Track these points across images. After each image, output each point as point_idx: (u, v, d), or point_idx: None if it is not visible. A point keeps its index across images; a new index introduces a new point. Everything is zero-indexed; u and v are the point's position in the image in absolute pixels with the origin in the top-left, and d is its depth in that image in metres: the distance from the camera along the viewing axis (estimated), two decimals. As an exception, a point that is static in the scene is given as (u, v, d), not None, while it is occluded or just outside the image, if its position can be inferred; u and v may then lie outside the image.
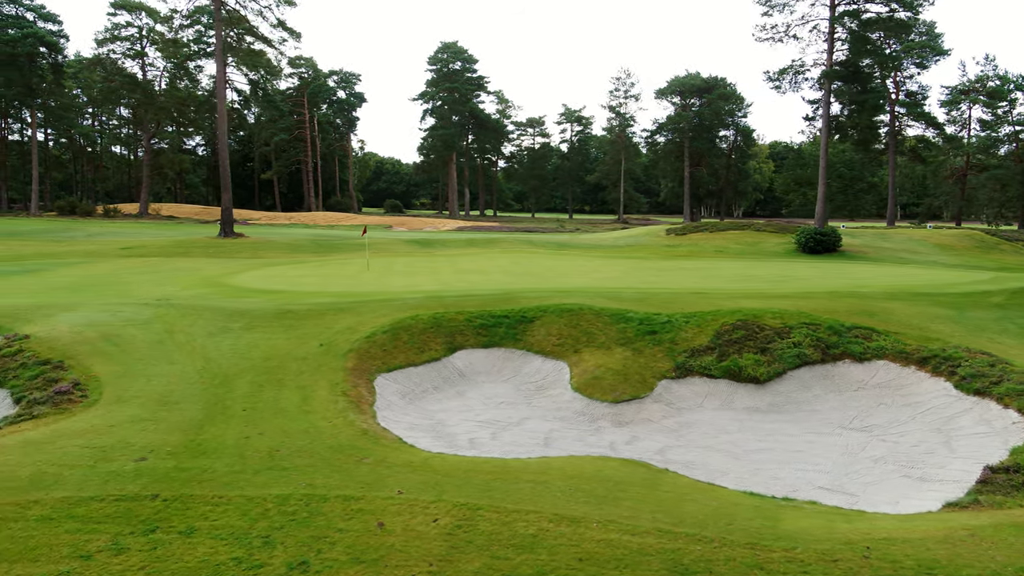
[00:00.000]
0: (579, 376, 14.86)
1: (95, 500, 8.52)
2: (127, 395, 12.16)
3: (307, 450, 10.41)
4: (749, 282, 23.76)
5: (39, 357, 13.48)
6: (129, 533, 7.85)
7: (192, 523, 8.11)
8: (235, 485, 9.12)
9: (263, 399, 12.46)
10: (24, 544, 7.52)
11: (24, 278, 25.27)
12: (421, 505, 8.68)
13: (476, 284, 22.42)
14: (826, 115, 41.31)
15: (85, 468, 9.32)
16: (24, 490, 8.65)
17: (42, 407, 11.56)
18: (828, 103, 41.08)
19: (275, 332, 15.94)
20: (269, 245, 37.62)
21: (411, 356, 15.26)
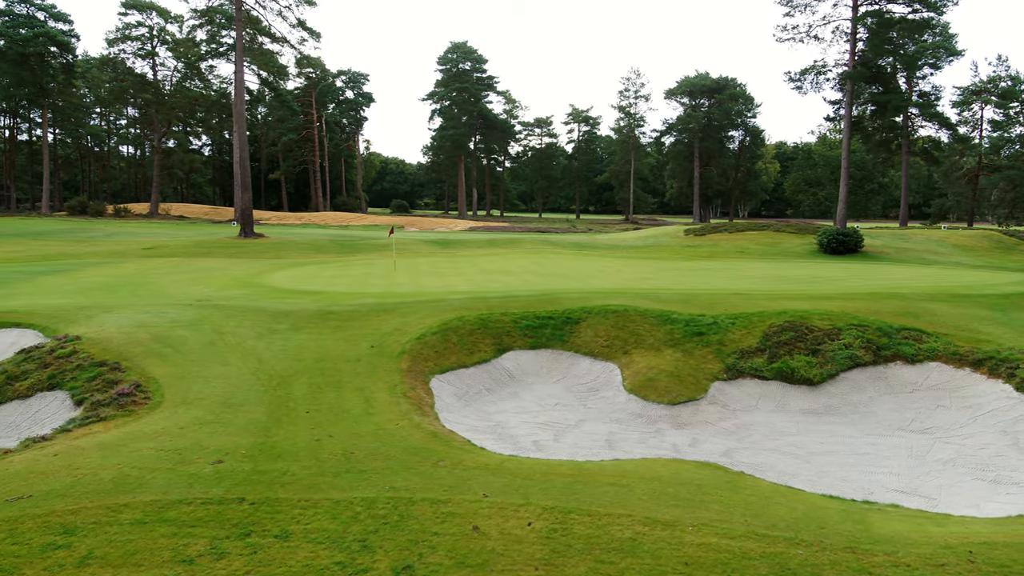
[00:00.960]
0: (632, 378, 14.80)
1: (184, 503, 8.47)
2: (189, 397, 12.10)
3: (381, 453, 10.35)
4: (782, 283, 23.70)
5: (94, 358, 13.43)
6: (225, 537, 7.79)
7: (285, 527, 8.06)
8: (318, 488, 9.06)
9: (324, 401, 12.41)
10: (123, 548, 7.46)
11: (55, 278, 25.22)
12: (511, 508, 8.62)
13: (510, 285, 22.36)
14: (848, 116, 41.22)
15: (166, 471, 9.26)
16: (109, 493, 8.60)
17: (106, 409, 11.51)
18: (851, 104, 41.00)
19: (322, 333, 15.89)
20: (290, 245, 37.56)
21: (461, 357, 15.21)
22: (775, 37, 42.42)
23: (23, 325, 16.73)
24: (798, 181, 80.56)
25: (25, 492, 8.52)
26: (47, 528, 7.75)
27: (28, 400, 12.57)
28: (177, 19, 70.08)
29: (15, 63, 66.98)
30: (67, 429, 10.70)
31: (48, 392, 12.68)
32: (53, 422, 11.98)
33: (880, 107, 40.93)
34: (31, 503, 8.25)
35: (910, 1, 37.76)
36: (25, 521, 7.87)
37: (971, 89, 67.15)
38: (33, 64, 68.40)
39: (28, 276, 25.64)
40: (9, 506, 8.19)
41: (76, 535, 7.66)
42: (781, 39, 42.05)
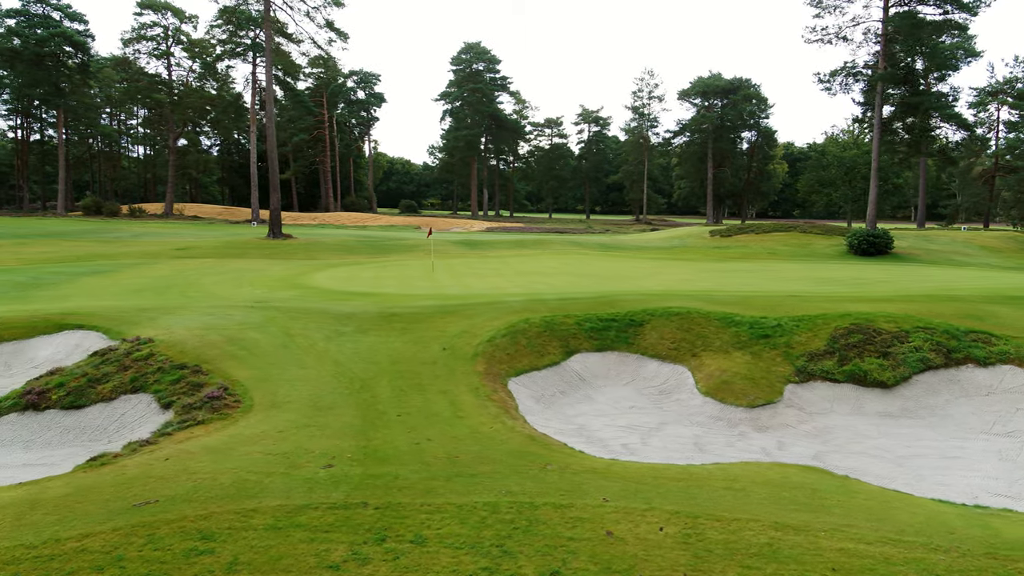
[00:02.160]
0: (705, 381, 14.76)
1: (310, 508, 8.44)
2: (277, 400, 12.07)
3: (484, 456, 10.32)
4: (827, 285, 23.67)
5: (173, 361, 13.40)
6: (363, 543, 7.76)
7: (418, 531, 8.03)
8: (435, 492, 9.03)
9: (411, 404, 12.38)
10: (267, 554, 7.42)
11: (97, 279, 25.19)
12: (637, 513, 8.60)
13: (558, 287, 22.34)
14: (878, 117, 41.14)
15: (281, 475, 9.23)
16: (234, 497, 8.57)
17: (199, 412, 11.48)
18: (881, 105, 40.92)
19: (390, 335, 15.86)
20: (319, 246, 37.53)
21: (532, 360, 15.18)
22: (803, 38, 42.52)
23: (86, 327, 16.72)
24: (811, 182, 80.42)
25: (150, 497, 8.49)
26: (184, 534, 7.72)
27: (112, 403, 12.53)
28: (192, 19, 70.08)
29: (31, 63, 66.96)
30: (166, 433, 10.66)
31: (132, 395, 12.64)
32: (142, 425, 11.95)
33: (912, 108, 40.84)
34: (160, 508, 8.22)
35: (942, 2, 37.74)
36: (160, 527, 7.84)
37: (987, 90, 67.11)
38: (48, 64, 68.38)
39: (70, 277, 25.61)
40: (139, 511, 8.16)
41: (215, 541, 7.63)
42: (810, 40, 42.08)
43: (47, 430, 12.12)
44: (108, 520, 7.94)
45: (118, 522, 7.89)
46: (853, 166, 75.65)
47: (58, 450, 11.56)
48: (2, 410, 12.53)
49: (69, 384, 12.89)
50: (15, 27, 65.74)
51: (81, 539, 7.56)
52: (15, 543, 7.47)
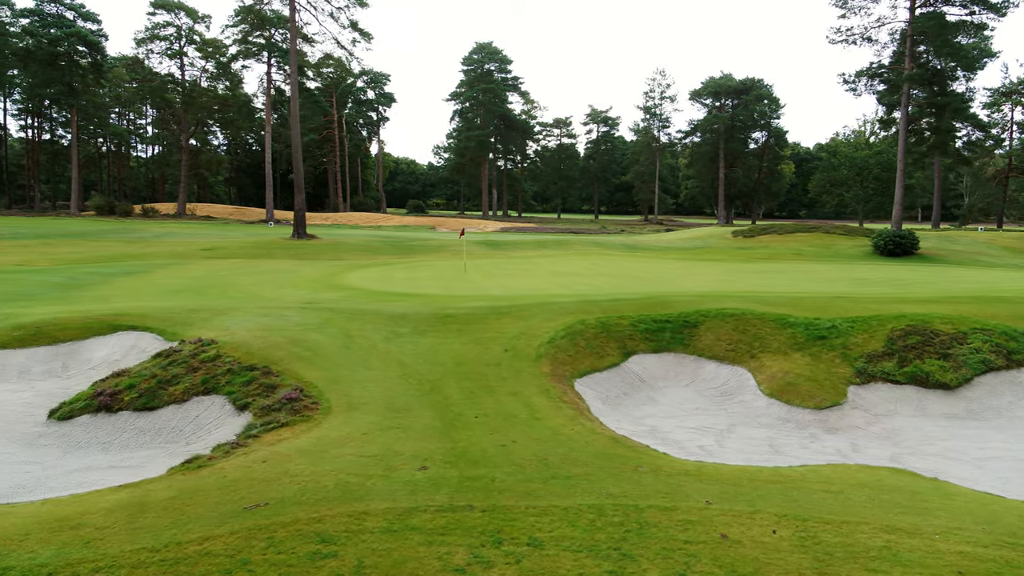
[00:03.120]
0: (768, 382, 14.74)
1: (419, 511, 8.41)
2: (355, 402, 12.04)
3: (573, 458, 10.30)
4: (867, 286, 23.66)
5: (241, 362, 13.38)
6: (480, 546, 7.73)
7: (531, 534, 8.00)
8: (536, 495, 9.00)
9: (485, 406, 12.36)
10: (390, 558, 7.39)
11: (132, 280, 25.17)
12: (744, 516, 8.56)
13: (599, 288, 22.33)
14: (904, 118, 41.09)
15: (380, 478, 9.21)
16: (341, 500, 8.55)
17: (278, 413, 11.46)
18: (907, 106, 40.88)
19: (448, 337, 15.84)
20: (344, 247, 37.50)
21: (593, 361, 15.16)
22: (828, 39, 42.48)
23: (139, 328, 16.72)
24: (822, 182, 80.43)
25: (259, 500, 8.47)
26: (302, 537, 7.69)
27: (184, 405, 12.52)
28: (205, 19, 70.07)
29: (44, 63, 66.94)
30: (252, 435, 10.64)
31: (204, 396, 12.63)
32: (218, 427, 11.93)
33: (939, 109, 40.82)
34: (271, 511, 8.19)
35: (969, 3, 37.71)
36: (277, 530, 7.81)
37: (1001, 90, 67.09)
38: (62, 64, 68.36)
39: (104, 277, 25.60)
40: (251, 514, 8.13)
41: (335, 544, 7.60)
42: (834, 41, 42.01)
43: (122, 432, 12.10)
44: (223, 523, 7.92)
45: (233, 525, 7.87)
46: (865, 166, 75.68)
47: (136, 452, 11.55)
48: (74, 412, 12.53)
49: (140, 386, 12.87)
50: (29, 26, 65.72)
51: (202, 542, 7.53)
52: (137, 546, 7.45)
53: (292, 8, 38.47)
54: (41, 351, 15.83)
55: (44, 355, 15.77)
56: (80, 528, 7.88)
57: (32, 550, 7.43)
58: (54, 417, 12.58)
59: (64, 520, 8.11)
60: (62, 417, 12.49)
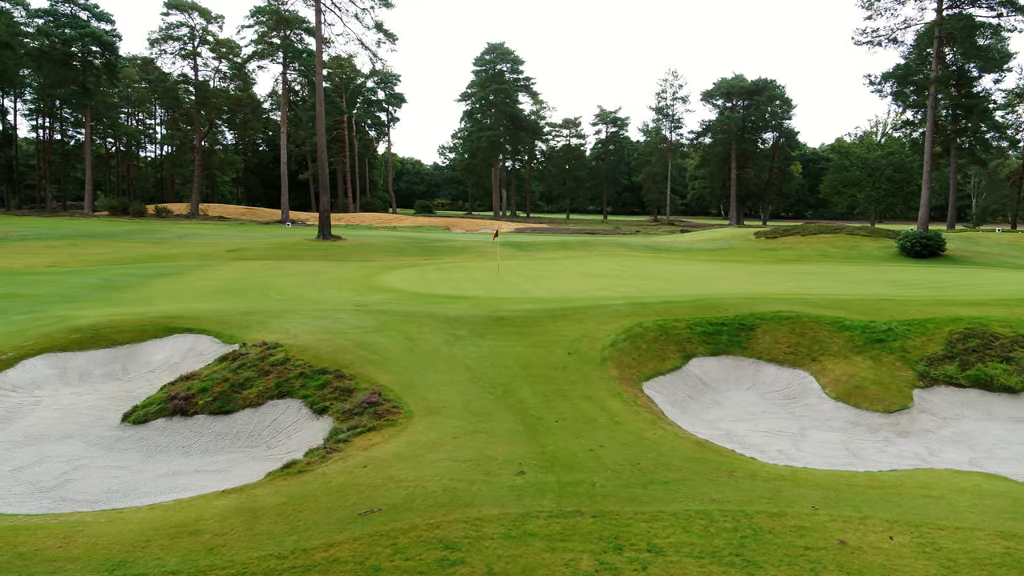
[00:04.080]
0: (832, 385, 14.74)
1: (532, 517, 8.40)
2: (434, 406, 12.03)
3: (665, 463, 10.28)
4: (905, 288, 23.65)
5: (312, 366, 13.37)
6: (602, 552, 7.73)
7: (648, 540, 8.00)
8: (640, 500, 8.99)
9: (561, 409, 12.34)
10: (518, 564, 7.40)
11: (169, 281, 25.15)
12: (855, 521, 8.56)
13: (643, 289, 22.32)
14: (930, 119, 41.05)
15: (482, 483, 9.20)
16: (451, 506, 8.54)
17: (361, 417, 11.45)
18: (933, 107, 40.84)
19: (508, 340, 15.83)
20: (370, 248, 37.48)
21: (656, 365, 15.15)
22: (853, 40, 42.50)
23: (195, 330, 16.71)
24: (834, 183, 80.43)
25: (371, 506, 8.46)
26: (425, 543, 7.68)
27: (260, 408, 12.50)
28: (218, 19, 70.05)
29: (58, 63, 66.92)
30: (342, 439, 10.63)
31: (279, 400, 12.62)
32: (297, 430, 11.92)
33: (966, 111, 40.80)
34: (387, 517, 8.18)
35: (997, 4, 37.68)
36: (398, 536, 7.80)
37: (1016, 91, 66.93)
38: (75, 64, 68.35)
39: (140, 279, 25.58)
40: (367, 520, 8.13)
41: (460, 550, 7.60)
42: (859, 42, 41.96)
43: (199, 436, 12.09)
44: (342, 529, 7.91)
45: (354, 531, 7.86)
46: (877, 167, 75.66)
47: (218, 456, 11.53)
48: (148, 416, 12.52)
49: (212, 389, 12.86)
50: (43, 26, 65.70)
51: (327, 548, 7.53)
52: (263, 553, 7.44)
53: (318, 10, 38.43)
54: (100, 354, 15.81)
55: (103, 358, 15.75)
56: (199, 534, 7.87)
57: (158, 556, 7.43)
58: (128, 421, 12.57)
59: (180, 526, 8.10)
60: (137, 421, 12.48)
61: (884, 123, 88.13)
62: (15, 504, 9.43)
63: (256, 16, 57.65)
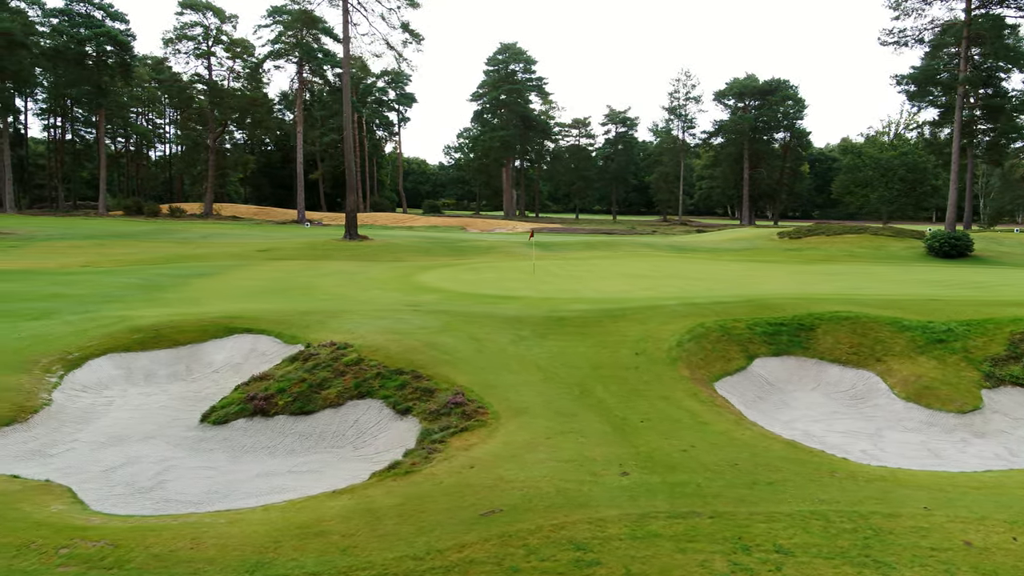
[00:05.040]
0: (901, 386, 14.74)
1: (649, 517, 8.40)
2: (517, 406, 12.02)
3: (762, 463, 10.27)
4: (945, 288, 23.67)
5: (387, 366, 13.37)
6: (732, 552, 7.72)
7: (773, 541, 8.00)
8: (749, 501, 8.98)
9: (643, 409, 12.33)
10: (653, 564, 7.39)
11: (208, 281, 25.15)
12: (972, 521, 8.56)
13: (685, 289, 22.34)
14: (958, 119, 41.06)
15: (591, 483, 9.21)
16: (568, 507, 8.53)
17: (448, 418, 11.45)
18: (961, 108, 40.86)
19: (572, 340, 15.83)
20: (398, 248, 37.48)
21: (723, 365, 15.15)
22: (879, 41, 42.49)
23: (254, 331, 16.72)
24: (846, 183, 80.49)
25: (489, 507, 8.45)
26: (556, 544, 7.68)
27: (340, 409, 12.50)
28: (232, 19, 70.04)
29: (73, 62, 66.91)
30: (437, 440, 10.63)
31: (359, 400, 12.62)
32: (381, 431, 11.92)
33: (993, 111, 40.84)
34: (509, 518, 8.18)
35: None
36: (526, 537, 7.81)
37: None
38: (90, 64, 68.34)
39: (179, 279, 25.57)
40: (490, 521, 8.13)
41: (591, 551, 7.60)
42: (886, 42, 41.94)
43: (282, 436, 12.09)
44: (469, 530, 7.91)
45: (481, 532, 7.86)
46: (890, 167, 75.70)
47: (305, 457, 11.53)
48: (228, 416, 12.52)
49: (291, 390, 12.86)
50: (58, 25, 65.70)
51: (460, 549, 7.53)
52: (397, 554, 7.44)
53: (345, 10, 38.38)
54: (163, 354, 15.81)
55: (166, 358, 15.76)
56: (326, 535, 7.87)
57: (292, 557, 7.43)
58: (208, 421, 12.57)
59: (303, 527, 8.10)
60: (217, 421, 12.48)
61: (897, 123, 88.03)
62: (120, 505, 9.43)
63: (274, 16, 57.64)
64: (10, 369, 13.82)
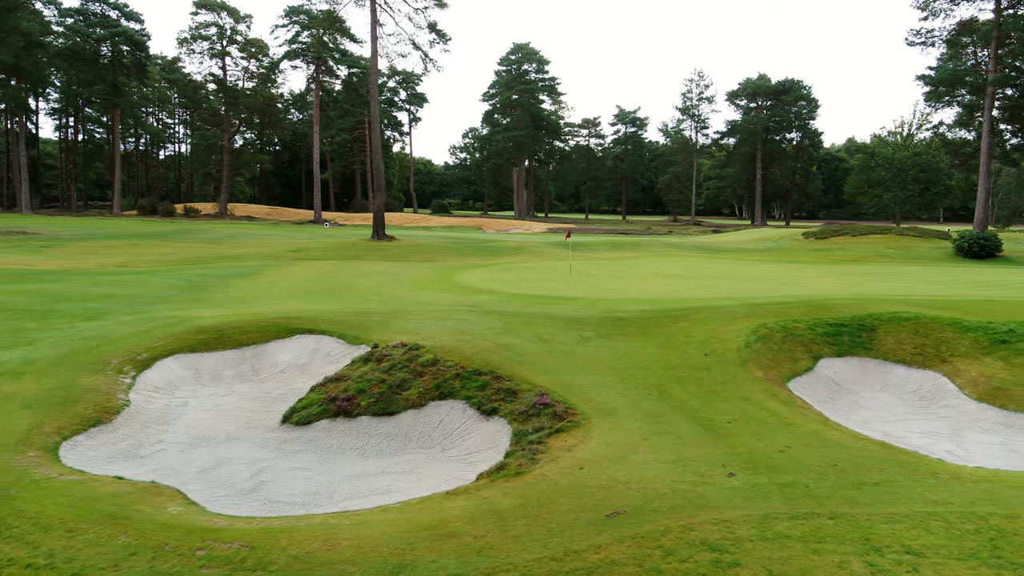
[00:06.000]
0: (971, 386, 14.73)
1: (772, 519, 8.39)
2: (603, 407, 12.03)
3: (862, 464, 10.26)
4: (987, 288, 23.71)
5: (465, 367, 13.38)
6: (864, 553, 7.72)
7: (900, 542, 7.98)
8: (862, 502, 8.97)
9: (727, 410, 12.34)
10: (792, 566, 7.38)
11: (250, 281, 25.17)
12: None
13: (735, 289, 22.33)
14: (988, 120, 41.09)
15: (703, 484, 9.20)
16: (690, 507, 8.52)
17: (537, 419, 11.45)
18: (991, 108, 40.84)
19: (636, 341, 15.84)
20: (427, 248, 37.52)
21: (791, 365, 15.16)
22: (907, 41, 42.46)
23: (314, 331, 16.76)
24: (859, 183, 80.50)
25: (611, 509, 8.46)
26: (690, 545, 7.68)
27: (423, 409, 12.52)
28: (247, 18, 70.03)
29: (88, 62, 66.95)
30: (534, 440, 10.64)
31: (440, 401, 12.63)
32: (468, 432, 11.94)
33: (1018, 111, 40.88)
34: (636, 519, 8.18)
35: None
36: (659, 538, 7.80)
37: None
38: (105, 63, 68.37)
39: (220, 279, 25.60)
40: (618, 522, 8.13)
41: (727, 552, 7.60)
42: (913, 43, 41.95)
43: (367, 437, 12.10)
44: (598, 531, 7.91)
45: (612, 533, 7.86)
46: (903, 168, 75.69)
47: (395, 458, 11.54)
48: (311, 417, 12.54)
49: (372, 391, 12.88)
50: (74, 24, 65.72)
51: (597, 551, 7.53)
52: (535, 555, 7.44)
53: (373, 10, 38.33)
54: (228, 354, 15.83)
55: (231, 358, 15.78)
56: (457, 536, 7.88)
57: (432, 559, 7.43)
58: (290, 422, 12.59)
59: (430, 528, 8.11)
60: (299, 422, 12.49)
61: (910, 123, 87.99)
62: (230, 506, 9.44)
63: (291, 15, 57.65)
64: (84, 370, 13.86)
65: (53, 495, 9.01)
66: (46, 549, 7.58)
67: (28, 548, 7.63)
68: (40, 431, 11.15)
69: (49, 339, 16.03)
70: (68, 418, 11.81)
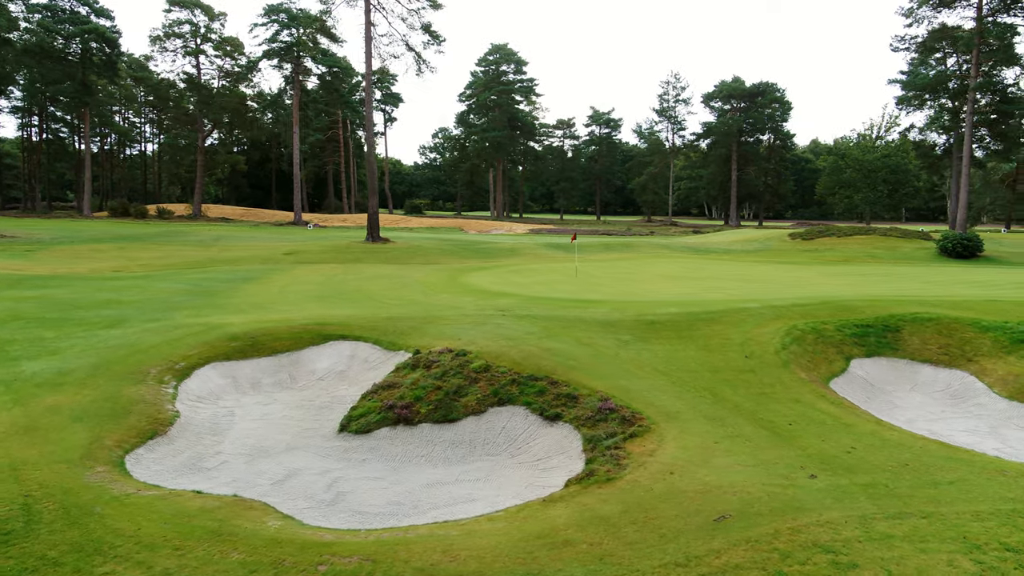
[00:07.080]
0: (1000, 385, 15.24)
1: (869, 519, 8.57)
2: (668, 411, 12.14)
3: (929, 464, 10.52)
4: (993, 288, 24.49)
5: (519, 372, 13.40)
6: (968, 551, 7.92)
7: (997, 540, 8.19)
8: (943, 501, 9.19)
9: (783, 412, 12.56)
10: (907, 566, 7.55)
11: (258, 285, 24.75)
12: None
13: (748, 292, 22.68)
14: (969, 124, 42.50)
15: (791, 487, 9.36)
16: (787, 511, 8.63)
17: (606, 424, 11.53)
18: (972, 113, 42.27)
19: (674, 344, 16.02)
20: (423, 250, 37.29)
21: (827, 367, 15.50)
22: (891, 47, 43.74)
23: (348, 337, 16.61)
24: (830, 184, 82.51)
25: (713, 513, 8.57)
26: (804, 547, 7.81)
27: (483, 416, 12.50)
28: (220, 16, 68.69)
29: (57, 59, 64.94)
30: (610, 446, 10.71)
31: (500, 407, 12.62)
32: (532, 438, 11.95)
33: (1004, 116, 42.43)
34: (742, 523, 8.29)
35: (1034, 13, 39.41)
36: (771, 542, 7.93)
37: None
38: (74, 61, 66.41)
39: (226, 284, 25.13)
40: (727, 527, 8.24)
41: (842, 553, 7.76)
42: (897, 48, 43.26)
43: (431, 445, 12.04)
44: (711, 536, 8.01)
45: (725, 537, 7.96)
46: (873, 169, 77.75)
47: (465, 465, 11.50)
48: (370, 425, 12.42)
49: (429, 398, 12.81)
50: (43, 21, 63.69)
51: (717, 555, 7.63)
52: (659, 561, 7.51)
53: (367, 10, 37.95)
54: (264, 362, 15.59)
55: (268, 366, 15.54)
56: (573, 544, 7.92)
57: (558, 568, 7.46)
58: (349, 431, 12.45)
59: (544, 536, 8.13)
60: (358, 431, 12.36)
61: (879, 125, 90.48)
62: (319, 519, 9.32)
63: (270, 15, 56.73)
64: (124, 380, 13.52)
65: (141, 511, 8.79)
66: (160, 569, 7.41)
67: (141, 568, 7.44)
68: (101, 445, 10.86)
69: (73, 348, 15.59)
70: (124, 431, 11.51)
